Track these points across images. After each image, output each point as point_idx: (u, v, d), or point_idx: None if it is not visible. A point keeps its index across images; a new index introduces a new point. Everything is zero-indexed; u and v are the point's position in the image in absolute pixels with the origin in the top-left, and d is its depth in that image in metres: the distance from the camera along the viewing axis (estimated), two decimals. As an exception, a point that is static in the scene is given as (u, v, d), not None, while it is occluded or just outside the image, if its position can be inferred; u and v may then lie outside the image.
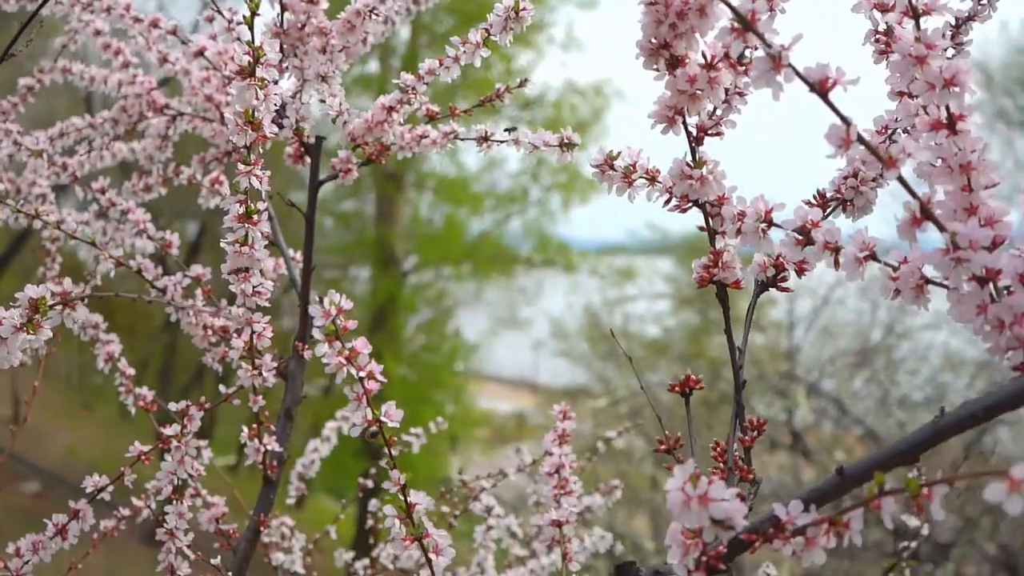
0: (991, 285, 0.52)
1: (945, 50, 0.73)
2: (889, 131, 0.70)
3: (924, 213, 0.52)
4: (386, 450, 0.65)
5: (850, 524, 0.50)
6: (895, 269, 0.56)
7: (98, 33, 1.21)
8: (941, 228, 0.52)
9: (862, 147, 0.51)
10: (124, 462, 0.94)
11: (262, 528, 1.00)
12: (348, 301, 0.62)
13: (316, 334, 0.62)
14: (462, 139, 0.98)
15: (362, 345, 0.63)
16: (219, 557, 0.98)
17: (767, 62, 0.51)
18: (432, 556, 0.65)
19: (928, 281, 0.55)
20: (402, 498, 0.66)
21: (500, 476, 1.37)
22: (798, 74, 0.51)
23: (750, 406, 6.62)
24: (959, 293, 0.53)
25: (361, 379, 0.63)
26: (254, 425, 0.98)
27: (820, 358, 6.97)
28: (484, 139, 0.96)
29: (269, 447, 0.98)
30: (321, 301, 0.61)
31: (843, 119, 0.51)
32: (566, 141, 0.85)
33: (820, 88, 0.51)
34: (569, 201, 12.00)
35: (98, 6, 1.13)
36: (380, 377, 0.64)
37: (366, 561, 1.37)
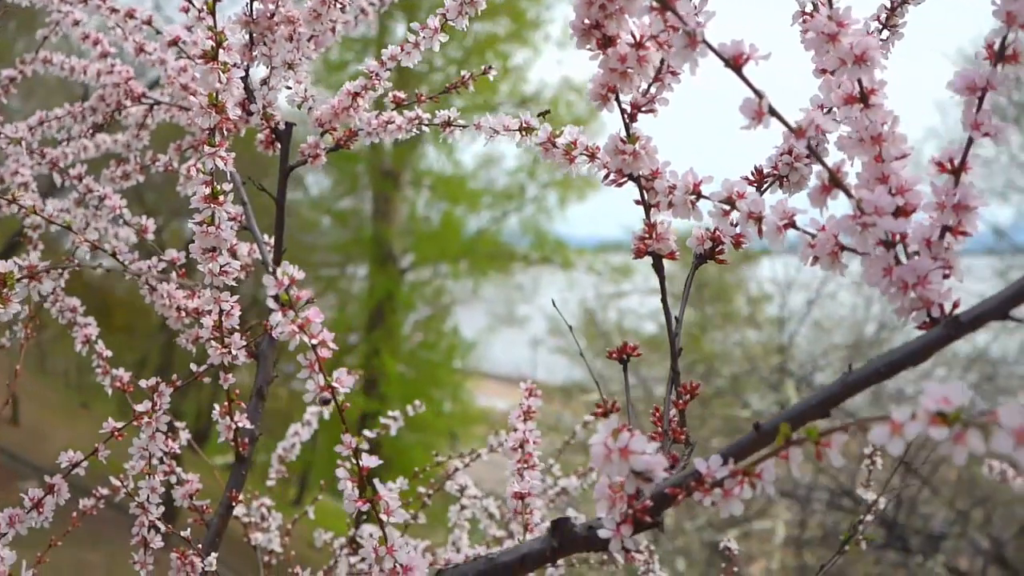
0: (897, 249, 0.55)
1: (880, 31, 0.77)
2: (825, 109, 0.73)
3: (833, 181, 0.55)
4: (340, 417, 0.68)
5: (762, 475, 0.53)
6: (813, 237, 0.59)
7: (76, 23, 1.24)
8: (849, 195, 0.55)
9: (774, 118, 0.54)
10: (125, 459, 0.98)
11: (234, 503, 1.03)
12: (301, 272, 0.65)
13: (271, 302, 0.65)
14: (427, 125, 1.01)
15: (314, 314, 0.66)
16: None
17: (684, 39, 0.54)
18: (384, 517, 0.68)
19: (843, 248, 0.58)
20: (354, 461, 0.68)
21: (474, 456, 1.40)
22: (713, 50, 0.54)
23: (743, 399, 6.65)
24: (869, 257, 0.56)
25: (314, 347, 0.66)
26: (225, 403, 1.01)
27: (813, 352, 7.01)
28: (447, 124, 0.99)
29: (240, 424, 1.01)
30: (274, 273, 0.64)
31: (756, 92, 0.54)
32: (525, 126, 0.88)
33: (734, 63, 0.54)
34: (566, 198, 12.03)
35: (76, -2, 1.16)
36: (332, 345, 0.67)
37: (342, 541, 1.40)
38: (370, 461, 0.69)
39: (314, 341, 0.66)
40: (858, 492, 1.23)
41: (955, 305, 0.54)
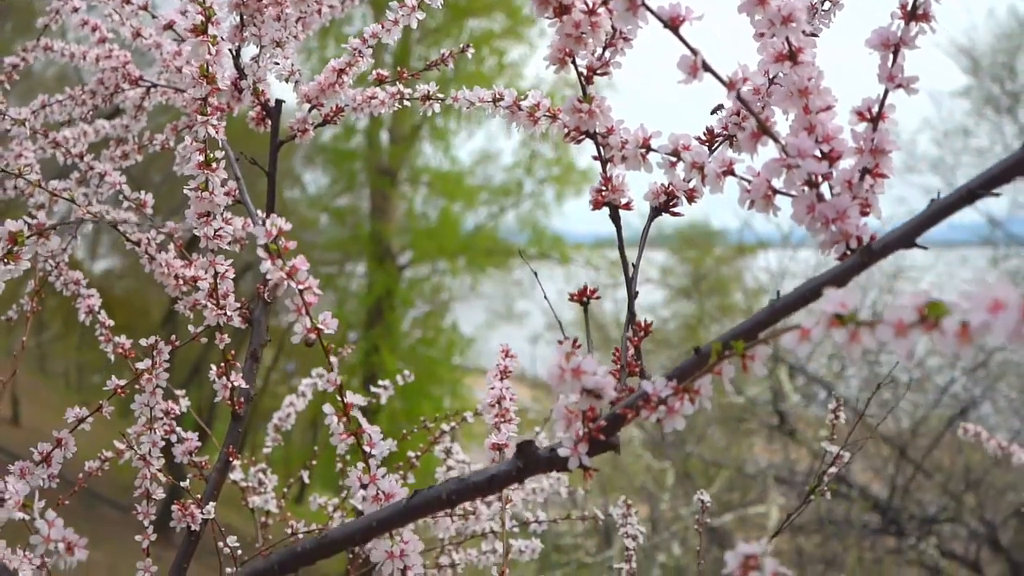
0: (823, 190, 0.62)
1: (823, 3, 0.83)
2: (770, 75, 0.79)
3: (761, 128, 0.62)
4: (325, 357, 0.75)
5: (700, 390, 0.59)
6: (750, 182, 0.65)
7: (75, 10, 1.30)
8: (776, 140, 0.61)
9: (708, 73, 0.60)
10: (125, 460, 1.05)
11: (231, 459, 1.09)
12: (288, 223, 0.72)
13: (261, 251, 0.71)
14: (407, 99, 1.07)
15: (300, 263, 0.73)
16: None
17: (625, 3, 0.60)
18: (367, 448, 0.75)
19: (775, 191, 0.64)
20: (339, 399, 0.75)
21: (461, 420, 1.46)
22: (652, 12, 0.60)
23: (737, 386, 6.71)
24: (796, 197, 0.62)
25: (301, 292, 0.72)
26: (222, 364, 1.07)
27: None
28: (427, 98, 1.05)
29: (236, 384, 1.07)
30: (264, 223, 0.70)
31: (692, 50, 0.61)
32: (497, 97, 0.94)
33: (672, 24, 0.60)
34: (563, 194, 12.09)
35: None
36: (317, 291, 0.73)
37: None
38: (355, 399, 0.75)
39: (301, 287, 0.72)
40: (823, 445, 1.29)
41: (872, 238, 0.60)
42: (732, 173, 0.66)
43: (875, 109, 0.62)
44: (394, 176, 11.86)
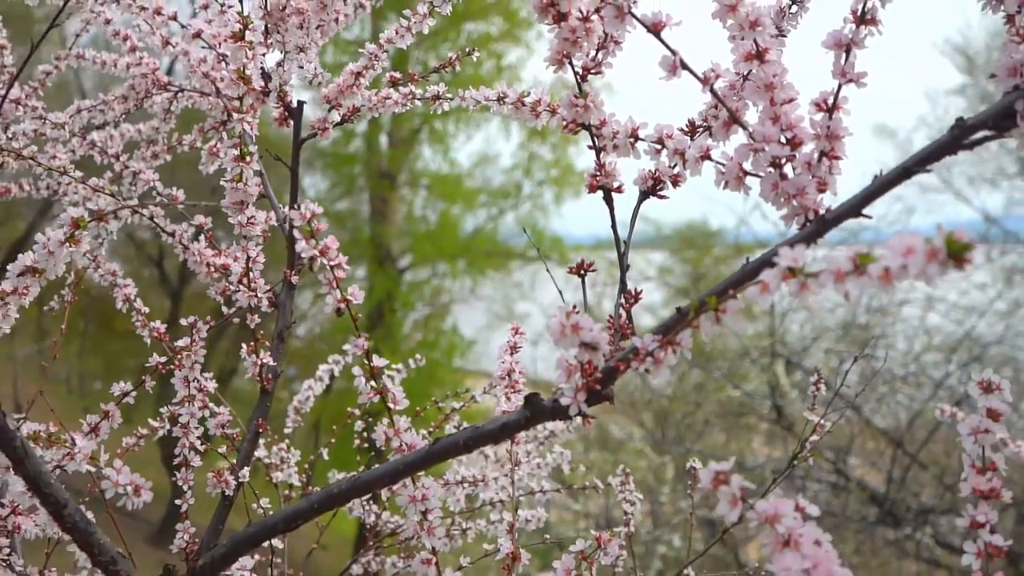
0: (787, 171, 0.72)
1: (789, 7, 0.93)
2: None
3: (732, 118, 0.72)
4: (353, 322, 0.85)
5: (681, 343, 0.69)
6: (724, 166, 0.75)
7: (108, 22, 1.40)
8: (745, 128, 0.71)
9: (685, 71, 0.70)
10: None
11: (260, 431, 1.19)
12: (319, 207, 0.82)
13: (296, 232, 0.81)
14: (419, 99, 1.17)
15: (331, 242, 0.83)
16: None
17: (614, 11, 0.70)
18: (391, 405, 0.85)
19: (745, 172, 0.74)
20: (367, 361, 0.85)
21: (470, 399, 1.56)
22: (637, 19, 0.70)
23: (736, 381, 6.80)
24: (763, 177, 0.72)
25: (332, 267, 0.82)
26: (251, 343, 1.17)
27: (804, 336, 7.18)
28: (436, 98, 1.16)
29: (265, 362, 1.17)
30: (299, 207, 0.81)
31: (671, 51, 0.71)
32: (502, 95, 1.04)
33: (655, 29, 0.70)
34: (561, 196, 12.19)
35: (108, -5, 1.33)
36: (345, 266, 0.83)
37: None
38: (380, 362, 0.85)
39: (332, 263, 0.82)
40: (805, 415, 1.39)
41: (827, 211, 0.70)
42: (709, 158, 0.76)
43: (831, 101, 0.72)
44: (393, 179, 11.96)
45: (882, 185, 0.66)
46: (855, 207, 0.67)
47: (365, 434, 1.59)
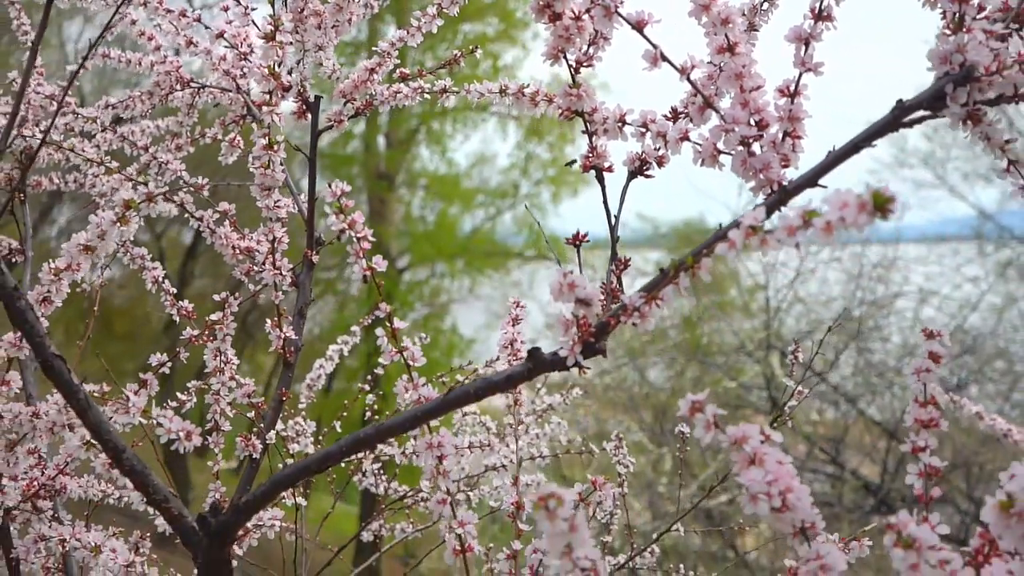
0: (752, 148, 0.82)
1: (762, 3, 1.03)
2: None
3: (706, 103, 0.82)
4: (376, 289, 0.95)
5: (663, 298, 0.80)
6: (701, 146, 0.86)
7: (134, 23, 1.51)
8: (717, 111, 0.82)
9: (664, 63, 0.81)
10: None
11: (284, 398, 1.29)
12: (347, 185, 0.92)
13: (327, 207, 0.91)
14: (427, 93, 1.28)
15: (358, 217, 0.93)
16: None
17: (602, 11, 0.81)
18: (410, 363, 0.95)
19: (719, 151, 0.85)
20: (388, 324, 0.95)
21: (474, 371, 1.67)
22: (623, 18, 0.81)
23: (732, 373, 6.91)
24: (734, 155, 0.83)
25: (359, 239, 0.93)
26: (275, 318, 1.27)
27: (799, 328, 7.30)
28: (443, 91, 1.26)
29: (288, 335, 1.28)
30: (330, 185, 0.91)
31: (653, 45, 0.81)
32: (503, 88, 1.15)
33: (638, 26, 0.81)
34: (559, 195, 12.30)
35: (137, 1, 1.43)
36: (371, 238, 0.94)
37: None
38: (400, 324, 0.96)
39: (359, 235, 0.93)
40: (783, 381, 1.49)
41: (789, 183, 0.81)
42: (688, 139, 0.86)
43: (792, 88, 0.83)
44: (391, 180, 12.06)
45: (835, 159, 0.76)
46: (811, 179, 0.77)
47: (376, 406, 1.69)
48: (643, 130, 0.90)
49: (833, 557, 0.67)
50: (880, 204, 0.58)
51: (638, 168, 0.97)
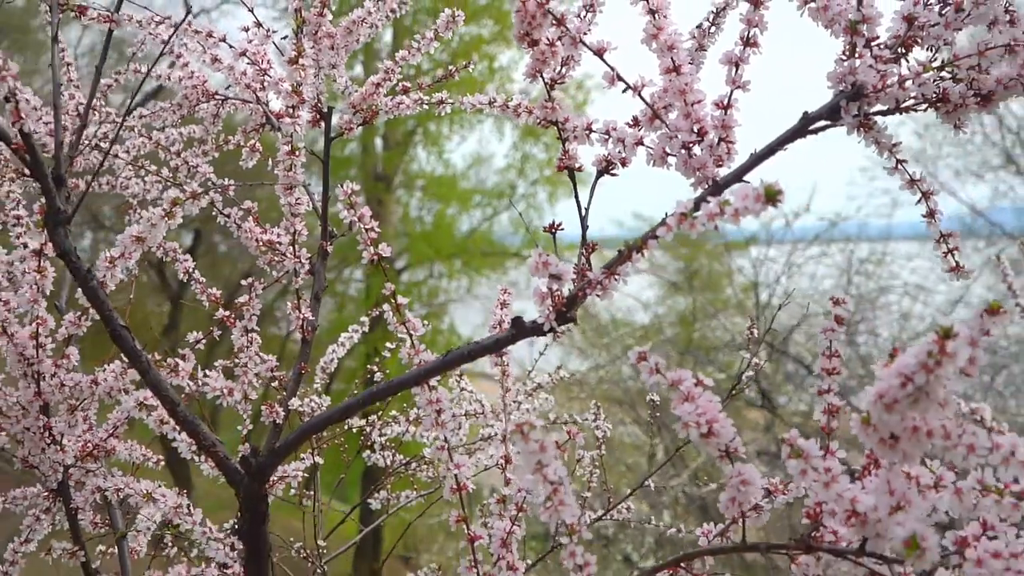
0: (693, 150, 1.01)
1: (709, 28, 1.21)
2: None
3: (654, 115, 1.01)
4: (383, 273, 1.13)
5: (621, 273, 0.98)
6: (652, 150, 1.04)
7: (164, 43, 1.69)
8: (663, 121, 1.00)
9: (621, 82, 1.00)
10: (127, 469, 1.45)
11: (303, 372, 1.48)
12: (356, 184, 1.11)
13: (340, 203, 1.10)
14: (427, 104, 1.46)
15: (366, 211, 1.12)
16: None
17: (569, 40, 0.99)
18: (412, 333, 1.14)
19: (667, 153, 1.03)
20: (394, 301, 1.14)
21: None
22: (586, 45, 0.99)
23: (724, 366, 7.09)
24: (677, 156, 1.01)
25: (367, 230, 1.11)
26: (295, 301, 1.46)
27: (790, 323, 7.49)
28: (441, 102, 1.45)
29: (306, 316, 1.46)
30: (342, 185, 1.10)
31: (610, 67, 1.00)
32: (492, 100, 1.33)
33: (599, 52, 1.00)
34: (556, 195, 12.48)
35: (168, 23, 1.62)
36: (376, 229, 1.12)
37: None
38: (403, 300, 1.14)
39: (367, 226, 1.11)
40: (740, 354, 1.68)
41: (720, 179, 0.99)
42: (642, 143, 1.05)
43: (725, 102, 1.01)
44: (389, 181, 12.23)
45: (753, 161, 0.95)
46: (736, 177, 0.96)
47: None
48: (606, 136, 1.08)
49: (751, 473, 0.86)
50: (771, 195, 0.76)
51: (604, 168, 1.15)
